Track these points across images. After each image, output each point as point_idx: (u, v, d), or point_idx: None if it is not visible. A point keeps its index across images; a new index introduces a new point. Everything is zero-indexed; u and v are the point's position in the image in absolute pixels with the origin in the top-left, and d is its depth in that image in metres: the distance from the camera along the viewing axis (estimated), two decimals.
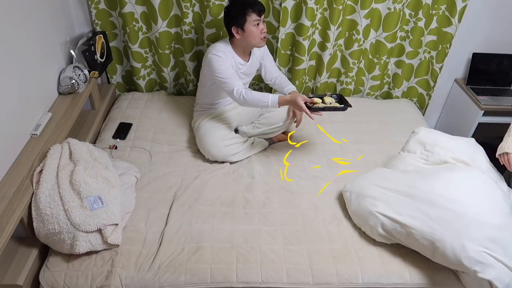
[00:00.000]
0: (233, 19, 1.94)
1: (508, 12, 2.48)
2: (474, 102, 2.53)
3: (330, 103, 1.91)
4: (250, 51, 2.12)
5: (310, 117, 1.83)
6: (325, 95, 1.96)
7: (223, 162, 2.08)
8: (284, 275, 1.54)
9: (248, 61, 2.12)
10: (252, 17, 1.92)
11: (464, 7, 2.30)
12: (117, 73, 2.56)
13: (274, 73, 2.26)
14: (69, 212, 1.50)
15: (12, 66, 1.62)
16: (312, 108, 1.85)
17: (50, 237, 1.51)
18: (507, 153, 1.72)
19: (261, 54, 2.18)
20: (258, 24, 1.94)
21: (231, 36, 2.01)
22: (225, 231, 1.68)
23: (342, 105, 1.90)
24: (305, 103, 1.83)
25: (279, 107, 1.90)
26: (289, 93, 2.15)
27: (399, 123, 2.43)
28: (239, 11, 1.91)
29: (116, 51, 2.47)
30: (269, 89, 2.67)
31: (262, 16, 1.96)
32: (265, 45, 2.17)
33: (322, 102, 1.91)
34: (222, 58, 1.97)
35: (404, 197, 1.63)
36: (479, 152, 1.82)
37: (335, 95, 1.98)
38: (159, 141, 2.19)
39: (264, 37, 2.00)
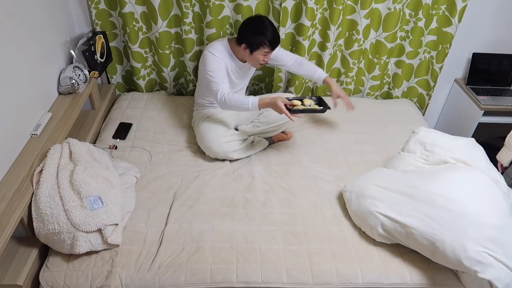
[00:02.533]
0: (247, 40, 1.95)
1: (508, 12, 2.48)
2: (474, 102, 2.53)
3: (310, 105, 1.97)
4: None
5: (290, 119, 1.86)
6: (305, 97, 2.01)
7: (223, 161, 2.08)
8: (284, 275, 1.54)
9: (244, 63, 2.12)
10: (265, 50, 1.95)
11: (464, 7, 2.30)
12: (117, 73, 2.56)
13: (291, 58, 2.23)
14: (69, 212, 1.50)
15: (12, 66, 1.62)
16: (292, 110, 1.89)
17: (50, 237, 1.51)
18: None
19: None
20: (266, 55, 1.98)
21: (236, 43, 2.02)
22: (225, 231, 1.68)
23: (321, 107, 1.95)
24: (285, 105, 1.87)
25: (259, 109, 1.93)
26: (315, 81, 2.22)
27: (399, 123, 2.43)
28: (257, 39, 1.93)
29: (116, 51, 2.47)
30: (269, 89, 2.67)
31: (274, 49, 1.99)
32: None
33: (301, 104, 1.96)
34: (217, 57, 1.99)
35: (404, 197, 1.63)
36: (479, 152, 1.82)
37: (314, 97, 2.03)
38: (159, 141, 2.19)
39: (263, 64, 2.04)
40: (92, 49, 2.13)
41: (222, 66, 2.00)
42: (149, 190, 1.87)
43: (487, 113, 2.50)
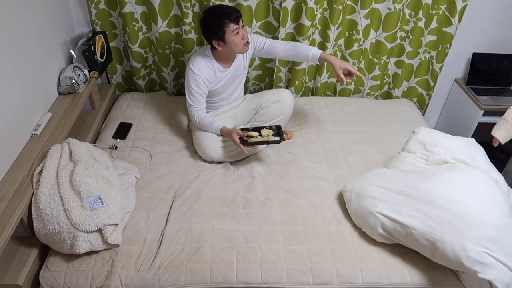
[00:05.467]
0: (212, 33, 1.88)
1: (508, 12, 2.48)
2: (474, 102, 2.53)
3: (268, 135, 2.01)
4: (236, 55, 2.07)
5: (243, 151, 1.94)
6: (264, 127, 2.05)
7: (221, 162, 2.08)
8: (284, 275, 1.54)
9: (230, 66, 2.07)
10: (231, 27, 1.85)
11: (464, 7, 2.30)
12: (117, 73, 2.56)
13: (281, 46, 2.11)
14: (69, 212, 1.50)
15: (12, 66, 1.62)
16: (247, 142, 1.94)
17: (50, 237, 1.51)
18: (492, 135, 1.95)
19: (251, 51, 2.11)
20: (238, 32, 1.88)
21: (213, 47, 1.96)
22: (225, 231, 1.68)
23: (277, 138, 1.97)
24: (241, 137, 1.94)
25: (220, 135, 2.05)
26: (316, 57, 2.05)
27: (399, 123, 2.43)
28: (216, 24, 1.85)
29: (116, 51, 2.47)
30: (269, 89, 2.67)
31: (241, 22, 1.88)
32: (255, 37, 2.10)
33: (259, 135, 2.00)
34: (196, 74, 1.97)
35: (404, 197, 1.63)
36: (479, 152, 1.82)
37: (274, 127, 2.06)
38: (159, 141, 2.19)
39: (247, 42, 1.94)
40: (92, 49, 2.13)
41: (200, 84, 1.99)
42: (149, 190, 1.87)
43: (487, 113, 2.49)
